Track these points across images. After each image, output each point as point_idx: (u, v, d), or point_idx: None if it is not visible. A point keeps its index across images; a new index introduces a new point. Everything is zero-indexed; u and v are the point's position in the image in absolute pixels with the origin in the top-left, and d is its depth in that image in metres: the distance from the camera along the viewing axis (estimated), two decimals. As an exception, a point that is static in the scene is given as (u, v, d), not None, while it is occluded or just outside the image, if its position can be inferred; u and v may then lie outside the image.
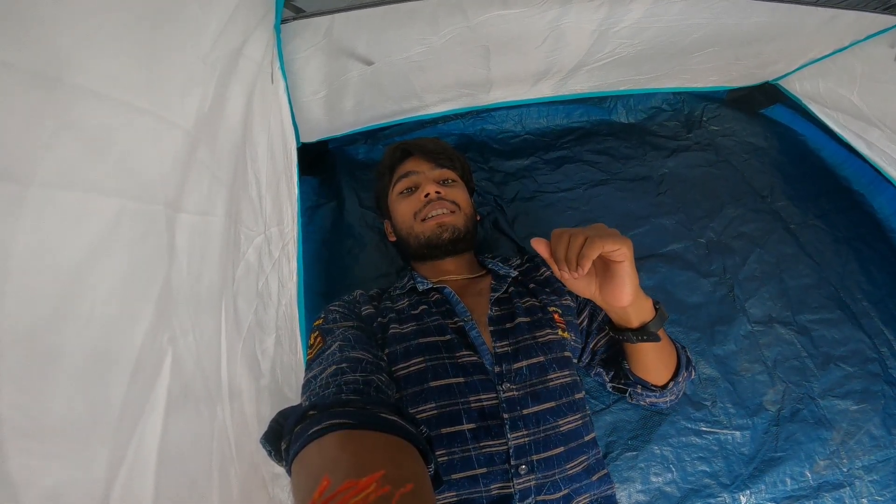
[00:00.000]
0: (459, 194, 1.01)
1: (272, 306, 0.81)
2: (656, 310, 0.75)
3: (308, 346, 0.79)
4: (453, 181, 1.04)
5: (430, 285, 0.91)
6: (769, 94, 1.39)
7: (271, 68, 0.79)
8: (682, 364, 0.82)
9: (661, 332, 0.75)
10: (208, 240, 0.56)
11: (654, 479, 1.03)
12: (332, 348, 0.71)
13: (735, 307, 1.18)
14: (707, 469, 1.04)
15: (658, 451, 1.05)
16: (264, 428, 0.58)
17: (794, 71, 1.28)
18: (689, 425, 1.07)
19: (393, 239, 1.09)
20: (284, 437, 0.53)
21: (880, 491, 1.04)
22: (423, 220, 0.96)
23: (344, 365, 0.66)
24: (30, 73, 0.31)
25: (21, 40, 0.30)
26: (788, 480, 1.04)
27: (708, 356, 1.14)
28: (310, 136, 1.13)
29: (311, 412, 0.53)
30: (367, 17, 0.81)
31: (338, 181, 1.26)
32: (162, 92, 0.45)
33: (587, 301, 0.93)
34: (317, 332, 0.79)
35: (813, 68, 1.24)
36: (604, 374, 0.91)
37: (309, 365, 0.72)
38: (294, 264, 0.97)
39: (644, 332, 0.74)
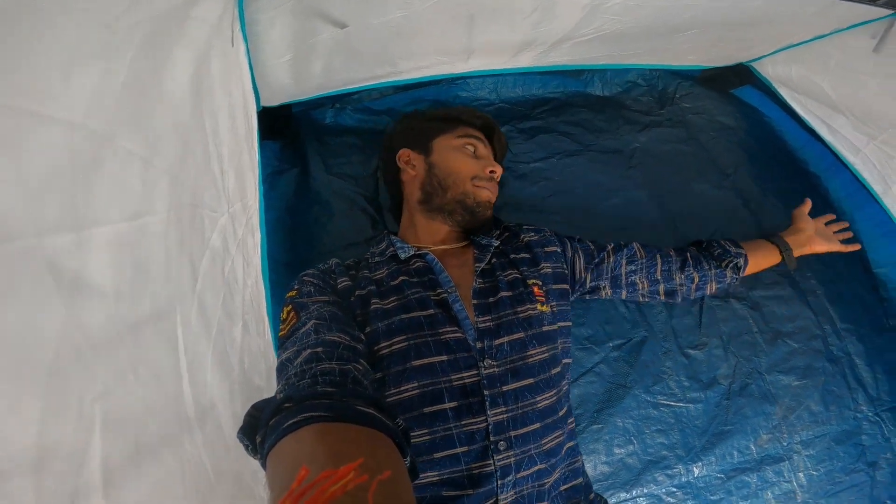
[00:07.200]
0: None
1: (238, 292, 0.74)
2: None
3: (281, 321, 0.75)
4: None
5: (413, 252, 0.88)
6: (741, 74, 1.39)
7: (231, 30, 0.70)
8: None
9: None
10: (145, 248, 0.46)
11: (616, 450, 1.08)
12: (306, 326, 0.68)
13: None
14: (665, 441, 1.09)
15: (621, 424, 1.09)
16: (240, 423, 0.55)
17: (769, 54, 1.29)
18: (649, 398, 1.12)
19: (413, 173, 0.99)
20: (259, 429, 0.51)
21: (815, 466, 1.13)
22: (478, 186, 0.95)
23: (319, 349, 0.63)
24: None
25: None
26: (735, 453, 1.11)
27: (667, 330, 1.17)
28: (272, 100, 1.04)
29: (286, 404, 0.51)
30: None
31: (302, 146, 1.18)
32: (19, 76, 0.32)
33: (572, 254, 0.98)
34: (290, 306, 0.75)
35: (787, 53, 1.25)
36: (638, 286, 1.01)
37: (282, 343, 0.70)
38: (258, 236, 0.91)
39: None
